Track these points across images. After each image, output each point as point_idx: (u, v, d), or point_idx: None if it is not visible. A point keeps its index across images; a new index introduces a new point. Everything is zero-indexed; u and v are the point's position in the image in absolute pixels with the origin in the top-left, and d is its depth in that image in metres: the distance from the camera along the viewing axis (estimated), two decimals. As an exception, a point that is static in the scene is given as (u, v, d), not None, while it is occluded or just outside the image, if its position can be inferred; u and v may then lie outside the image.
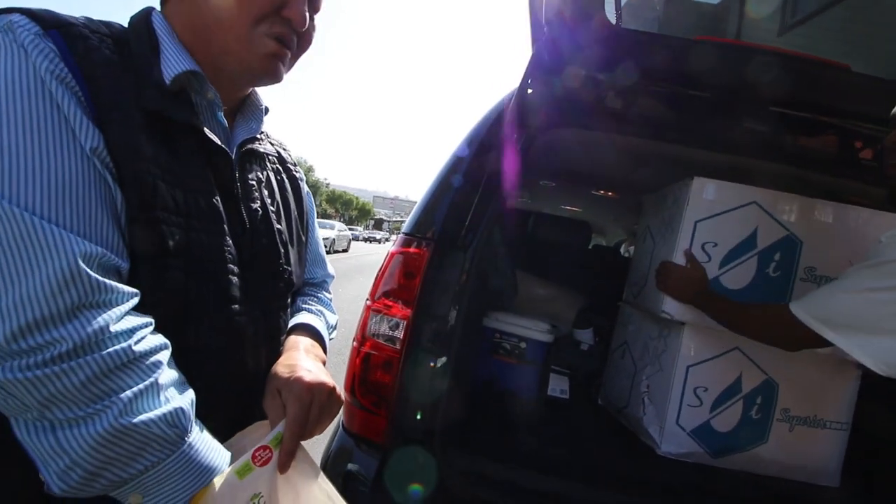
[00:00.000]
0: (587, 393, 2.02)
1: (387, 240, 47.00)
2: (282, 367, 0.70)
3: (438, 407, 1.16)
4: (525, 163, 1.29)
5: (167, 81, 0.62)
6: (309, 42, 0.72)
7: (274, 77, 0.69)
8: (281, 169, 0.84)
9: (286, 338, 0.79)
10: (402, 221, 1.38)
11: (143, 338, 0.54)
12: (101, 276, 0.51)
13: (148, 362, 0.53)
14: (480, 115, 1.37)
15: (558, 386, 1.83)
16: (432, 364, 1.16)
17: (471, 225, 1.22)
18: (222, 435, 0.63)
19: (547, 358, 1.83)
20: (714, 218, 1.41)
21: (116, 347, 0.51)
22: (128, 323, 0.53)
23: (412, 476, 1.10)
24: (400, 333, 1.14)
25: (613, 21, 1.12)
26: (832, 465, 1.47)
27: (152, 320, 0.56)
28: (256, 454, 0.60)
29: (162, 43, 0.64)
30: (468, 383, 1.56)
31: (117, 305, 0.52)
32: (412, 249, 1.20)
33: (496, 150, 1.26)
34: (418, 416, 1.15)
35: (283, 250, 0.76)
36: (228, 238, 0.66)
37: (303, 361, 0.72)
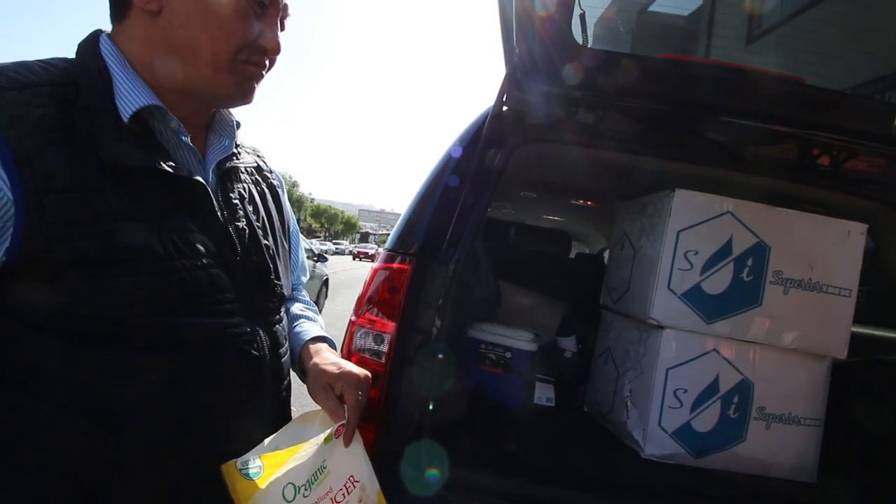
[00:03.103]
0: (572, 400, 2.05)
1: (350, 252, 45.38)
2: (328, 366, 0.81)
3: (426, 419, 1.18)
4: (503, 177, 1.33)
5: (125, 119, 0.60)
6: (275, 62, 0.73)
7: (248, 100, 0.70)
8: (260, 179, 0.84)
9: (305, 346, 0.87)
10: (388, 234, 1.42)
11: None
12: None
13: None
14: (461, 129, 1.42)
15: (544, 394, 1.85)
16: (418, 377, 1.18)
17: (452, 239, 1.26)
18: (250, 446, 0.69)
19: (532, 366, 1.85)
20: (694, 227, 1.48)
21: None
22: None
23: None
24: (385, 347, 1.16)
25: (581, 42, 1.17)
26: (808, 462, 1.52)
27: None
28: (339, 430, 0.75)
29: (114, 76, 0.61)
30: (455, 395, 1.59)
31: None
32: (395, 265, 1.23)
33: (474, 166, 1.30)
34: (406, 430, 1.16)
35: (272, 266, 0.78)
36: (215, 269, 0.66)
37: (341, 359, 0.85)
